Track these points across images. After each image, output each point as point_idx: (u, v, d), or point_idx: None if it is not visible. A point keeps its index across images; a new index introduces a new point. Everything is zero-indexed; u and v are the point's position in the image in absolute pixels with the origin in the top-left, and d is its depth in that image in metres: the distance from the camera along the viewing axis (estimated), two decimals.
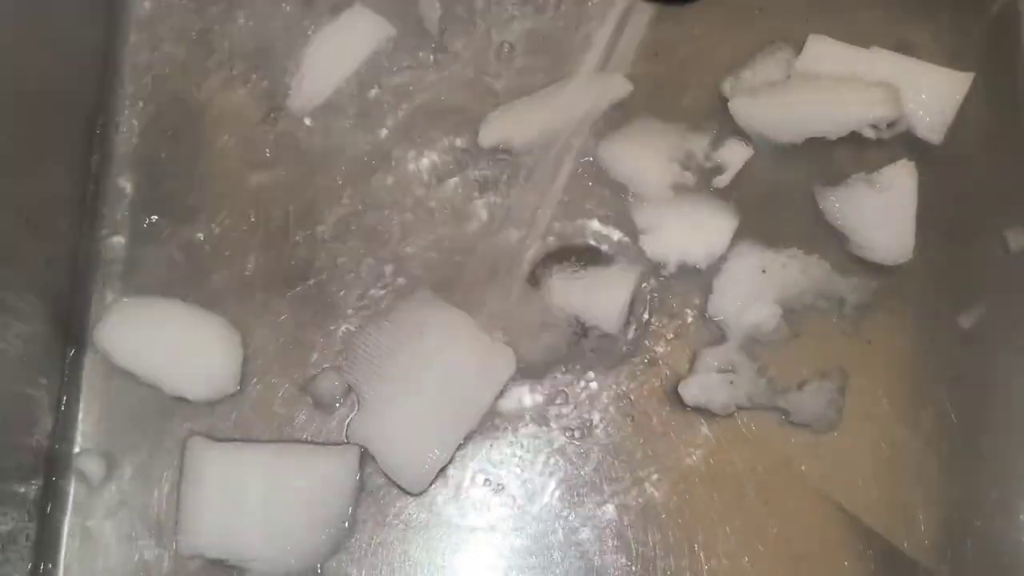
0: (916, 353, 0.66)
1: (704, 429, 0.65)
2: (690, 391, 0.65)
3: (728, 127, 0.69)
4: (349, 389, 0.65)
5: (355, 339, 0.66)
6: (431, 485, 0.64)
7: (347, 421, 0.65)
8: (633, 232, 0.68)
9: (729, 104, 0.69)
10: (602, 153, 0.69)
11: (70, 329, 0.66)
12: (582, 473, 0.64)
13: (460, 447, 0.64)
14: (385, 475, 0.63)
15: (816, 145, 0.68)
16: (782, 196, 0.69)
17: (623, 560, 0.63)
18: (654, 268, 0.67)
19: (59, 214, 0.67)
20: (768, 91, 0.69)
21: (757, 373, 0.65)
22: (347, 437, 0.64)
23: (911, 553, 0.63)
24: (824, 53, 0.69)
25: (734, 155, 0.68)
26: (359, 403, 0.65)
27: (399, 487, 0.63)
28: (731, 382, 0.65)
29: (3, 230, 0.61)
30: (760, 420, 0.65)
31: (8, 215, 0.61)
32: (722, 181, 0.68)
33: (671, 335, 0.66)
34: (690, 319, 0.67)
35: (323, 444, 0.64)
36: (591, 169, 0.69)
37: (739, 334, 0.66)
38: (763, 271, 0.66)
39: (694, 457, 0.64)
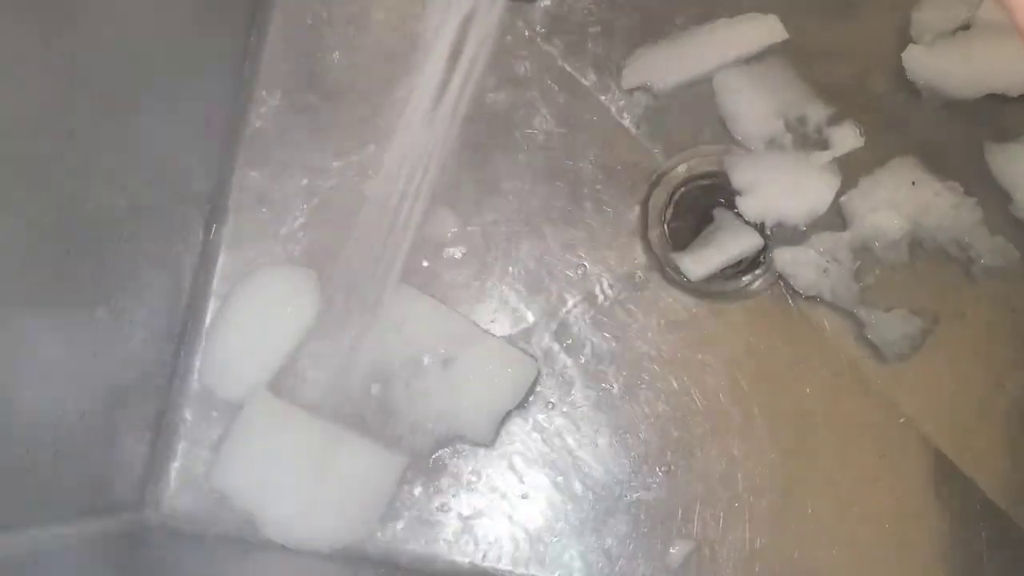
0: None
1: (820, 370, 0.63)
2: (783, 257, 0.64)
3: (890, 73, 0.66)
4: None
5: None
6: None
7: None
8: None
9: (903, 55, 0.66)
10: (719, 79, 0.67)
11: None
12: (682, 403, 0.64)
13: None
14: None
15: (991, 100, 0.64)
16: (947, 148, 0.65)
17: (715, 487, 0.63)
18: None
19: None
20: (946, 42, 0.66)
21: (854, 276, 0.63)
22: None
23: None
24: None
25: (844, 140, 0.65)
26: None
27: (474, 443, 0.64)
28: (825, 269, 0.63)
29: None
30: (881, 372, 0.63)
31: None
32: (820, 159, 0.64)
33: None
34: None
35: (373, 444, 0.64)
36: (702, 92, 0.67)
37: (858, 231, 0.64)
38: (912, 183, 0.63)
39: (809, 398, 0.63)
